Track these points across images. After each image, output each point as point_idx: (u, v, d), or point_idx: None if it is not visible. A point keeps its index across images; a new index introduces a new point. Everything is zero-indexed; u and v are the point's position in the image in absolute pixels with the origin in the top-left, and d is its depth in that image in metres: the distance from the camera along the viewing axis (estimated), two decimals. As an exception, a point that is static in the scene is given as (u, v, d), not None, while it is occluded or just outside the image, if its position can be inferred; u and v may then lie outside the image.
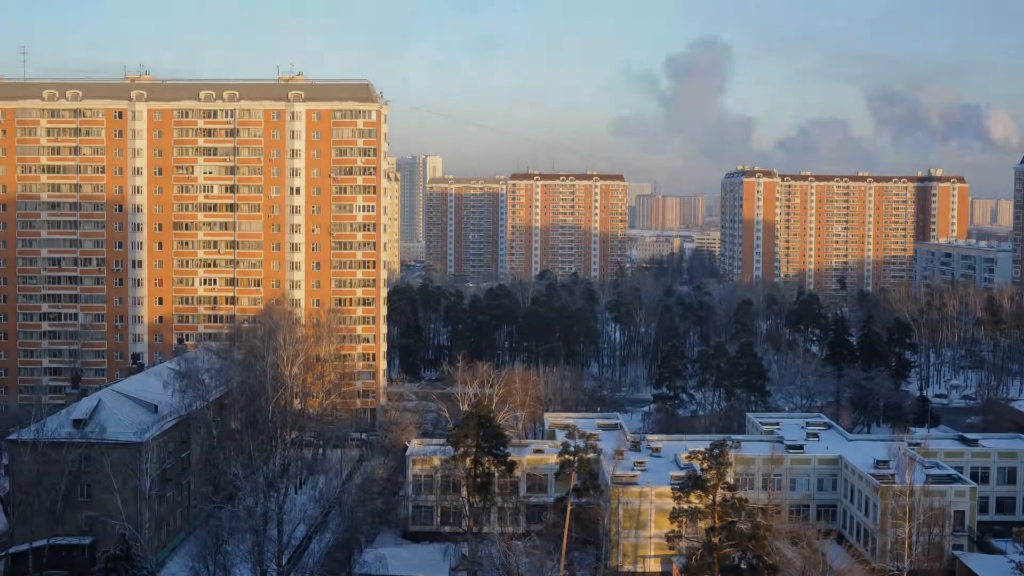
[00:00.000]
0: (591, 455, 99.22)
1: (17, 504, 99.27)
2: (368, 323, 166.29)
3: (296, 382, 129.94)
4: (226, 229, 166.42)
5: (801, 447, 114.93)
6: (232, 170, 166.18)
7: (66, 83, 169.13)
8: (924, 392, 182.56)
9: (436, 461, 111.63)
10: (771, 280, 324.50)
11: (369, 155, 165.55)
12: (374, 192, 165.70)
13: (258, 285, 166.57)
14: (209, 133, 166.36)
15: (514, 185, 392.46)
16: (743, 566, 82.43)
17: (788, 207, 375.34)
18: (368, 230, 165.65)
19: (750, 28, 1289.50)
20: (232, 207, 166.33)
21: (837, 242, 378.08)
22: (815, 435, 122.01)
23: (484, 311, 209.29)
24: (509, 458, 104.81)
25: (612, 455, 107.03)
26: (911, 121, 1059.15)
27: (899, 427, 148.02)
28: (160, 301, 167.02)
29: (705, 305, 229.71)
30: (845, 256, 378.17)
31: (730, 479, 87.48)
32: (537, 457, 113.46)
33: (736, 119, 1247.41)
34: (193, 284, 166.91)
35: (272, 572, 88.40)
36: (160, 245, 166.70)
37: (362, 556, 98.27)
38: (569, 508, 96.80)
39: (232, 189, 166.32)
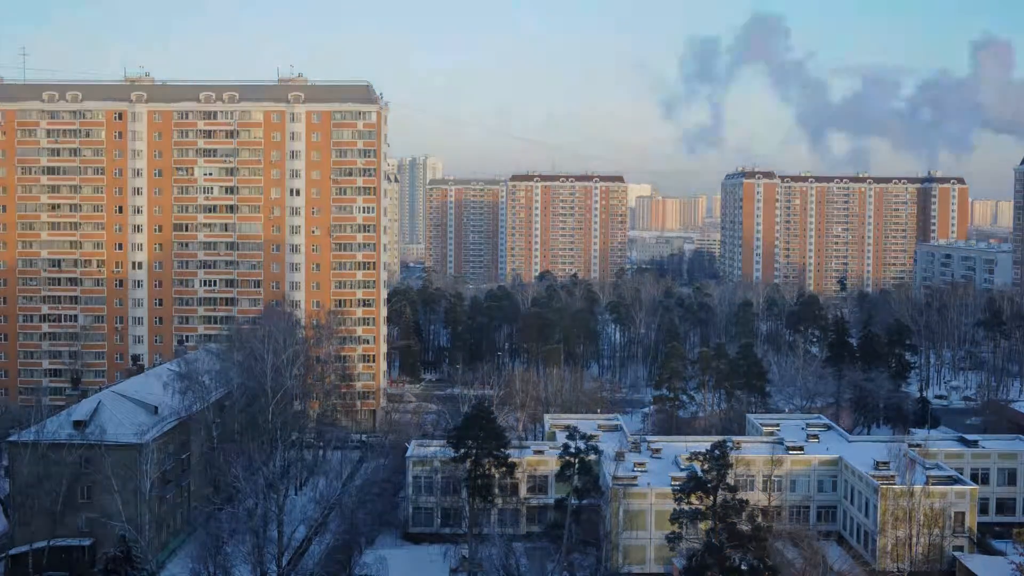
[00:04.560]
0: (592, 456, 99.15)
1: (17, 505, 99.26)
2: (368, 324, 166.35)
3: (296, 384, 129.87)
4: (226, 230, 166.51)
5: (801, 448, 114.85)
6: (232, 171, 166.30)
7: (66, 85, 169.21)
8: (924, 393, 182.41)
9: (436, 462, 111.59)
10: (771, 281, 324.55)
11: (369, 156, 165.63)
12: (374, 193, 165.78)
13: (258, 286, 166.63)
14: (209, 135, 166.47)
15: (514, 186, 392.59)
16: (743, 567, 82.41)
17: (788, 208, 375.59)
18: (368, 231, 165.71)
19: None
20: (232, 208, 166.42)
21: (837, 243, 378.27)
22: (815, 436, 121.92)
23: (484, 312, 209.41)
24: (509, 459, 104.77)
25: (613, 456, 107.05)
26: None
27: (899, 428, 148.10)
28: (160, 302, 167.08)
29: (705, 306, 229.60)
30: (845, 257, 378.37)
31: (731, 480, 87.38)
32: (537, 458, 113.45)
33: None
34: (193, 285, 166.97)
35: (272, 573, 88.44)
36: (160, 247, 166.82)
37: (362, 557, 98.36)
38: (569, 509, 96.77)
39: (232, 190, 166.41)
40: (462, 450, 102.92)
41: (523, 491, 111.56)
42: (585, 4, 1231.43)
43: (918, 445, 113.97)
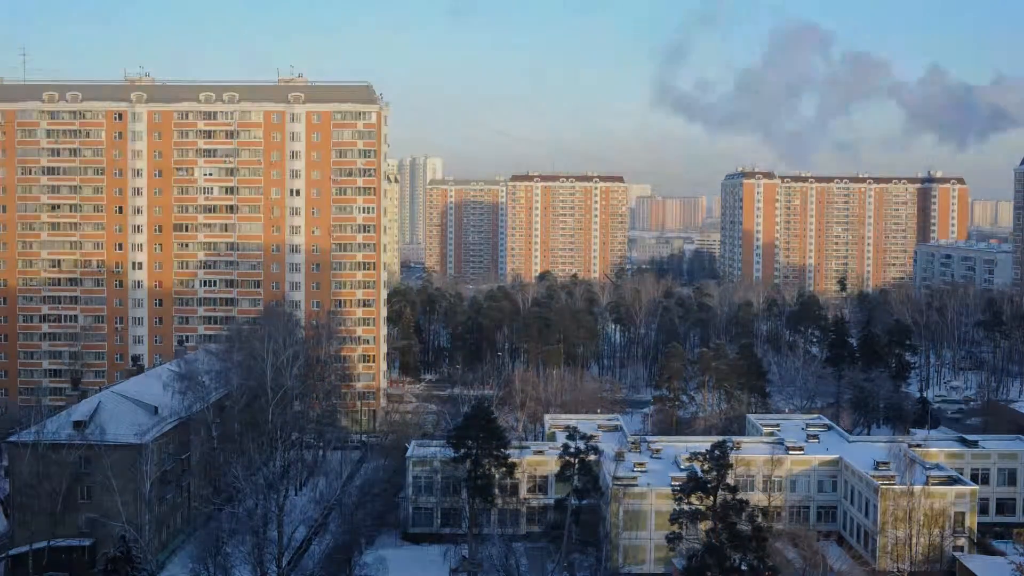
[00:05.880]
0: (592, 457, 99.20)
1: (17, 506, 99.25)
2: (368, 325, 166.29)
3: (296, 384, 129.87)
4: (226, 231, 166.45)
5: (801, 448, 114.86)
6: (232, 172, 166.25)
7: (66, 85, 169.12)
8: (924, 393, 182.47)
9: (436, 463, 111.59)
10: (771, 281, 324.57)
11: (369, 157, 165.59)
12: (374, 194, 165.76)
13: (258, 286, 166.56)
14: (209, 135, 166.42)
15: (514, 187, 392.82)
16: (743, 568, 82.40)
17: (788, 208, 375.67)
18: (368, 232, 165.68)
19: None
20: (232, 209, 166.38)
21: (837, 243, 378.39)
22: (815, 436, 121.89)
23: (484, 313, 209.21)
24: (509, 460, 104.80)
25: (613, 456, 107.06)
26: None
27: (899, 428, 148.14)
28: (160, 303, 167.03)
29: (705, 307, 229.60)
30: (845, 257, 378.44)
31: (731, 480, 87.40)
32: (537, 459, 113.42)
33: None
34: (193, 286, 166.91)
35: (272, 574, 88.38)
36: (160, 247, 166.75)
37: (362, 558, 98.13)
38: (569, 510, 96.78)
39: (232, 191, 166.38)
40: (462, 450, 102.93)
41: (523, 491, 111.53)
42: (585, 3, 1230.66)
43: (918, 445, 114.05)
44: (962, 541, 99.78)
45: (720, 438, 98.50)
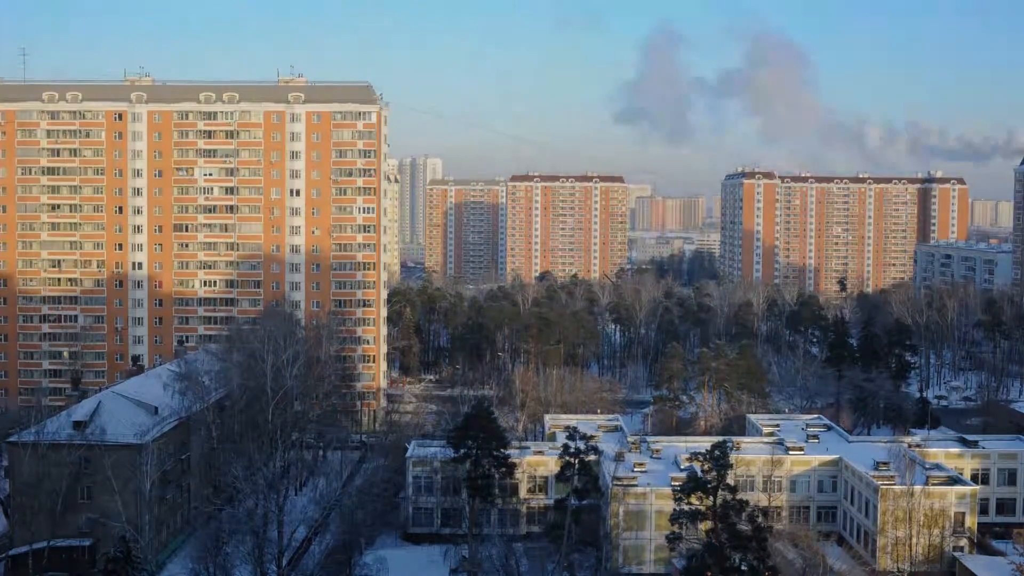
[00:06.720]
0: (591, 457, 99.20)
1: (17, 506, 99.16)
2: (368, 325, 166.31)
3: (296, 384, 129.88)
4: (226, 231, 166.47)
5: (801, 449, 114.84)
6: (232, 172, 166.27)
7: (66, 85, 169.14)
8: (924, 393, 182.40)
9: (436, 463, 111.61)
10: (771, 281, 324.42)
11: (369, 157, 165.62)
12: (374, 194, 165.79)
13: (258, 287, 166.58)
14: (209, 135, 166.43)
15: (514, 186, 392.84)
16: (743, 568, 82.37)
17: (788, 209, 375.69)
18: (368, 232, 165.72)
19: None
20: (232, 209, 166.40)
21: (837, 243, 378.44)
22: (815, 437, 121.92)
23: (484, 313, 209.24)
24: (509, 460, 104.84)
25: (613, 457, 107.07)
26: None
27: (899, 428, 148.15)
28: (160, 303, 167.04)
29: (705, 307, 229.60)
30: (845, 257, 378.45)
31: (731, 481, 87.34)
32: (537, 459, 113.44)
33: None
34: (193, 286, 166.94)
35: (272, 574, 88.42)
36: (160, 247, 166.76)
37: (362, 558, 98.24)
38: (570, 510, 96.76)
39: (232, 191, 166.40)
40: (462, 450, 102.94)
41: (523, 491, 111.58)
42: (586, 4, 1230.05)
43: (918, 445, 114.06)
44: (962, 541, 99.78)
45: (720, 438, 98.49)
